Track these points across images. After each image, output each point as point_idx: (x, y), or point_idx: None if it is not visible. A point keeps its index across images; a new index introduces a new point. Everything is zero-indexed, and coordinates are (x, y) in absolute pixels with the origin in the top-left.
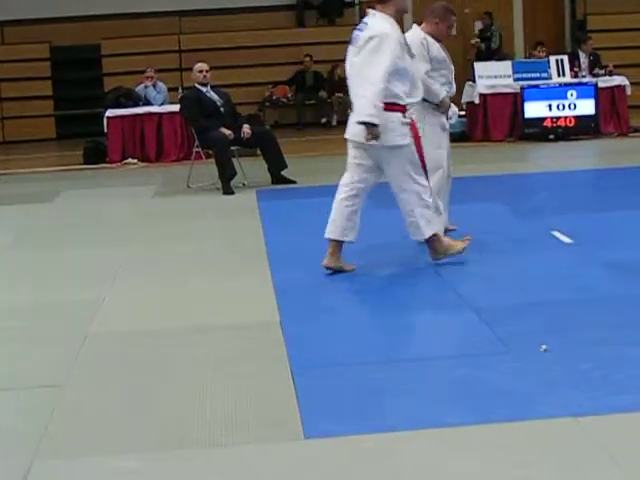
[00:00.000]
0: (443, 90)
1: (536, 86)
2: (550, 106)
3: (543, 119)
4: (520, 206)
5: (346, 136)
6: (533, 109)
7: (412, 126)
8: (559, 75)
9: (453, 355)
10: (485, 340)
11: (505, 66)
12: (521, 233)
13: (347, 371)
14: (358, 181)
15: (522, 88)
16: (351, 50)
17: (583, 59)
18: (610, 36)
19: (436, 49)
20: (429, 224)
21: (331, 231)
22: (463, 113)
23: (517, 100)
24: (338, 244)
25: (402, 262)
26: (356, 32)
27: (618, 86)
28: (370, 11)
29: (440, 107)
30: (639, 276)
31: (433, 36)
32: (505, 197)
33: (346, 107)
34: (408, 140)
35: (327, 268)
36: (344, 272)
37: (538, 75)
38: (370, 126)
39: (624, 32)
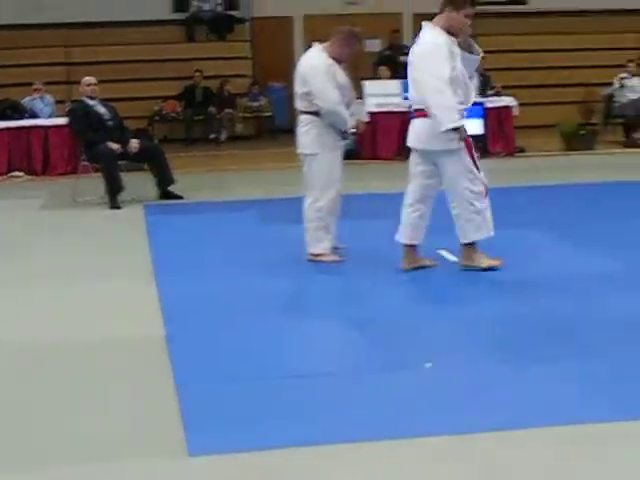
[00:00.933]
0: (351, 119)
1: None
2: None
3: None
4: None
5: (409, 144)
6: None
7: (463, 132)
8: None
9: (335, 372)
10: (369, 356)
11: (394, 85)
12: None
13: (234, 387)
14: (421, 187)
15: (411, 107)
16: (409, 63)
17: (474, 79)
18: (498, 57)
19: (340, 74)
20: (477, 229)
21: (401, 236)
22: (353, 131)
23: (406, 119)
24: (410, 247)
25: (296, 275)
26: (413, 46)
27: (505, 107)
28: (423, 23)
29: (343, 134)
30: (523, 295)
31: (336, 58)
32: (393, 215)
33: (235, 123)
34: (460, 144)
35: (405, 270)
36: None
37: None
38: (455, 130)
39: (512, 53)
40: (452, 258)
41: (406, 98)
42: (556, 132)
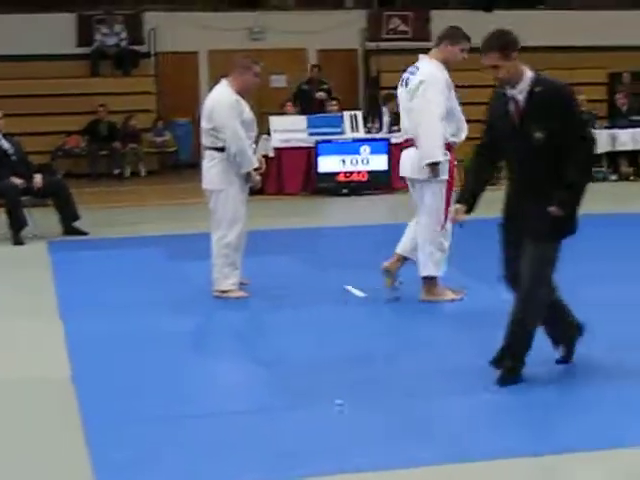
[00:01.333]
0: (255, 159)
1: (329, 141)
2: (344, 161)
3: (336, 174)
4: (314, 260)
5: (401, 174)
6: (327, 163)
7: (451, 165)
8: (353, 130)
9: (242, 410)
10: (276, 394)
11: (300, 120)
12: (315, 287)
13: (142, 428)
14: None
15: (316, 142)
16: (403, 92)
17: (386, 116)
18: None
19: (247, 111)
20: (436, 265)
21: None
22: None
23: (311, 154)
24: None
25: (203, 313)
26: (406, 75)
27: None
28: (420, 56)
29: (248, 177)
30: (433, 327)
31: (241, 93)
32: (299, 251)
33: (139, 158)
34: (438, 178)
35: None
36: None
37: (332, 130)
38: (435, 165)
39: None
40: (359, 294)
41: (312, 134)
42: (462, 168)
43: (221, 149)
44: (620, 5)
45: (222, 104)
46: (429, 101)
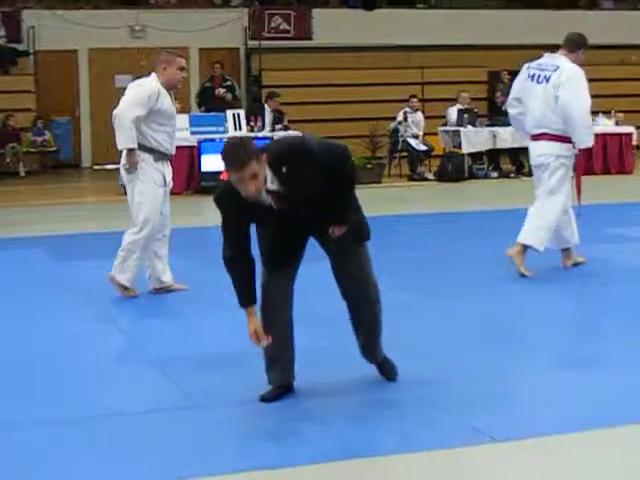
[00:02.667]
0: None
1: (212, 140)
2: None
3: (220, 172)
4: (199, 259)
5: (536, 163)
6: (210, 162)
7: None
8: (236, 129)
9: (138, 411)
10: (171, 395)
11: (182, 119)
12: (202, 286)
13: (30, 432)
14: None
15: (199, 141)
16: (540, 88)
17: (268, 114)
18: (286, 92)
19: (168, 103)
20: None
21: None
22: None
23: (194, 153)
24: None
25: (91, 313)
26: (537, 72)
27: None
28: (548, 54)
29: (128, 154)
30: (320, 327)
31: (168, 87)
32: (183, 250)
33: (19, 157)
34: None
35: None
36: None
37: (215, 129)
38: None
39: (299, 88)
40: None
41: (194, 133)
42: None
43: (141, 146)
44: (498, 5)
45: (135, 85)
46: (579, 94)
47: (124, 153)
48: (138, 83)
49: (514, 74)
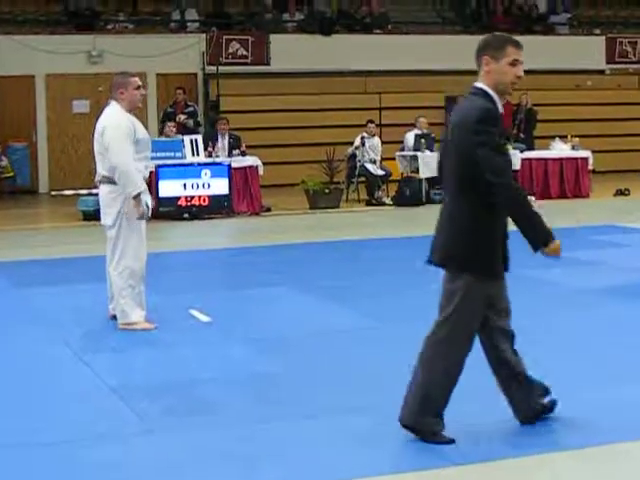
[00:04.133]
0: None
1: (170, 165)
2: (185, 185)
3: (178, 198)
4: (159, 286)
5: None
6: (168, 188)
7: None
8: (193, 154)
9: (90, 436)
10: (125, 420)
11: None
12: (162, 313)
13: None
14: None
15: (157, 167)
16: None
17: (221, 139)
18: (243, 117)
19: (141, 129)
20: None
21: None
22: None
23: (151, 178)
24: None
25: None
26: None
27: (251, 166)
28: None
29: (137, 200)
30: (275, 352)
31: (130, 110)
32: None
33: None
34: None
35: None
36: None
37: (173, 154)
38: None
39: (257, 113)
40: (204, 318)
41: (152, 158)
42: (301, 191)
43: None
44: (454, 31)
45: (113, 124)
46: None
47: (107, 188)
48: (112, 124)
49: None
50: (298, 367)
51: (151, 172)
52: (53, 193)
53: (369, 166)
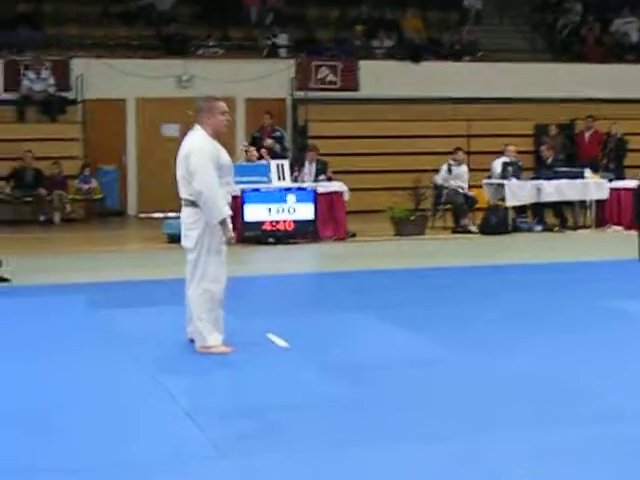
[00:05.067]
0: (227, 206)
1: (256, 189)
2: (270, 209)
3: (262, 222)
4: (238, 310)
5: None
6: (253, 212)
7: None
8: (279, 179)
9: (161, 459)
10: (198, 444)
11: None
12: (239, 337)
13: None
14: None
15: (242, 191)
16: None
17: (307, 165)
18: (330, 143)
19: (224, 154)
20: None
21: None
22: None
23: (237, 203)
24: None
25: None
26: None
27: (336, 192)
28: None
29: (222, 225)
30: (352, 379)
31: (215, 135)
32: (225, 301)
33: (65, 205)
34: None
35: None
36: None
37: (259, 178)
38: None
39: (344, 139)
40: (282, 343)
41: (238, 182)
42: (387, 217)
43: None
44: (545, 58)
45: (197, 149)
46: None
47: (189, 211)
48: (197, 149)
49: (563, 128)
50: (374, 394)
51: (236, 197)
52: (142, 216)
53: (454, 194)
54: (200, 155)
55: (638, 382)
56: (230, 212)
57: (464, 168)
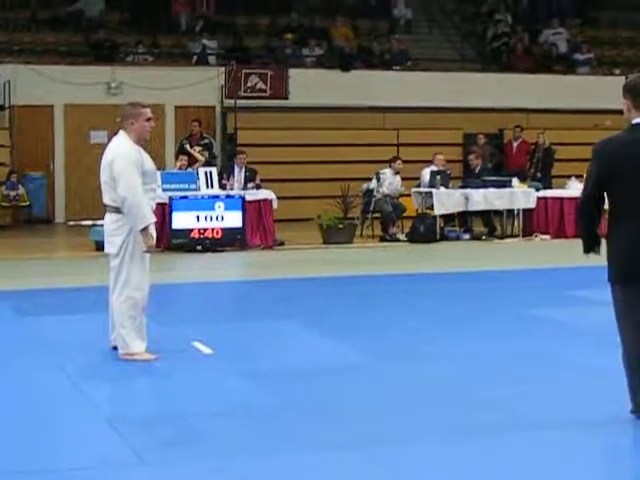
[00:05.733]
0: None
1: (184, 197)
2: (198, 217)
3: (191, 230)
4: (164, 317)
5: None
6: (181, 219)
7: None
8: (208, 187)
9: (82, 467)
10: (120, 452)
11: None
12: (164, 344)
13: None
14: None
15: (170, 198)
16: None
17: (237, 172)
18: (258, 151)
19: (148, 160)
20: None
21: None
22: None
23: (165, 210)
24: None
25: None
26: None
27: (265, 200)
28: None
29: (144, 233)
30: (275, 386)
31: (139, 141)
32: (148, 308)
33: None
34: None
35: None
36: None
37: (187, 186)
38: None
39: (273, 147)
40: (207, 350)
41: (165, 190)
42: (316, 225)
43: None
44: (474, 68)
45: (121, 154)
46: None
47: (112, 217)
48: (121, 154)
49: (491, 137)
50: (296, 402)
51: (164, 204)
52: (71, 223)
53: (383, 202)
54: (124, 161)
55: (550, 391)
56: (154, 219)
57: (398, 178)
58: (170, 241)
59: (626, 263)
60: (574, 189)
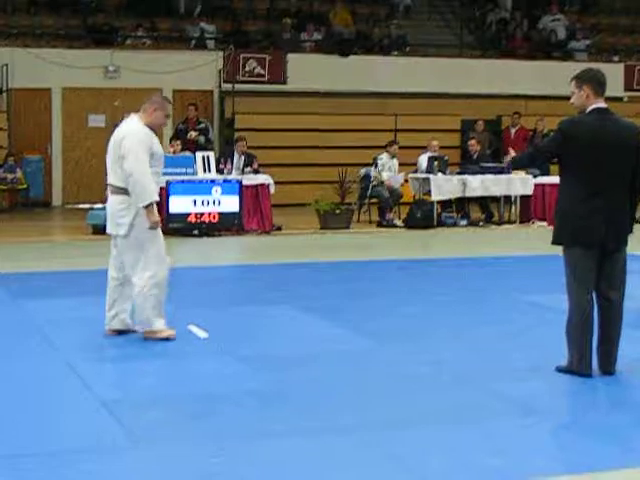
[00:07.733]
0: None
1: (181, 181)
2: (195, 201)
3: (187, 214)
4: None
5: None
6: (178, 204)
7: None
8: (205, 171)
9: (77, 449)
10: (113, 434)
11: None
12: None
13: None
14: None
15: (167, 182)
16: None
17: (237, 158)
18: (256, 135)
19: (157, 143)
20: None
21: None
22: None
23: (162, 194)
24: None
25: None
26: None
27: (262, 184)
28: None
29: (147, 210)
30: (270, 370)
31: (151, 125)
32: None
33: None
34: None
35: None
36: None
37: (184, 170)
38: None
39: (271, 132)
40: (202, 334)
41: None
42: (313, 211)
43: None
44: (473, 55)
45: (132, 132)
46: None
47: (119, 199)
48: (132, 132)
49: (489, 123)
50: (291, 386)
51: (161, 188)
52: (68, 206)
53: (381, 188)
54: (135, 138)
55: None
56: (157, 197)
57: (395, 162)
58: (167, 225)
59: (584, 230)
60: None
